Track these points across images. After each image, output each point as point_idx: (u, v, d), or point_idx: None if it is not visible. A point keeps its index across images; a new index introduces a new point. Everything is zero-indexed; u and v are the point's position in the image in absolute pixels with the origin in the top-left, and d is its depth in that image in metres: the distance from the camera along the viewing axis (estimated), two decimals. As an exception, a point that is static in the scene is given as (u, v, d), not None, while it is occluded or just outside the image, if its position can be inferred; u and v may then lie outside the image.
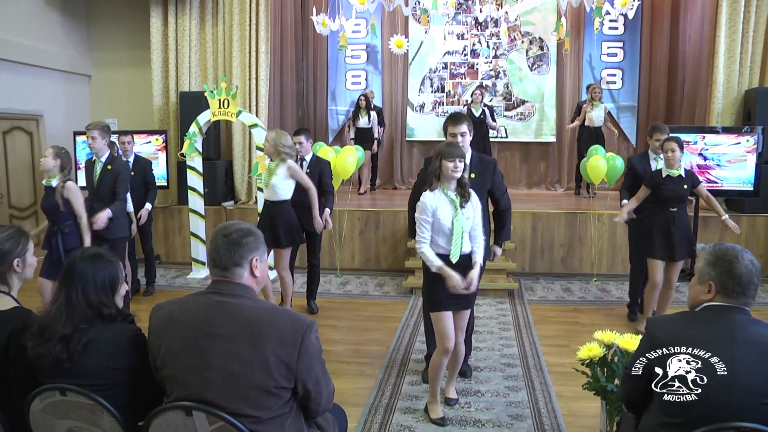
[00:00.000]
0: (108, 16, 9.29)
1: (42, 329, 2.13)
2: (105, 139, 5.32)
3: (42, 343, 2.10)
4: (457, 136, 3.90)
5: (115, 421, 2.04)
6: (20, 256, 2.46)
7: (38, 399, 2.09)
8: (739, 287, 2.06)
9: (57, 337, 2.09)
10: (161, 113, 8.64)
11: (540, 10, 10.18)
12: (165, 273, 7.64)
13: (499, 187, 4.18)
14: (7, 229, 2.50)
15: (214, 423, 1.90)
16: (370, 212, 7.60)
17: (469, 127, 3.97)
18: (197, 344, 1.98)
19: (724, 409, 1.90)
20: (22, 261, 2.47)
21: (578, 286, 6.93)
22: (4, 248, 2.42)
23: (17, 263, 2.45)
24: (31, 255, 2.53)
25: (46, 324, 2.13)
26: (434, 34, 10.30)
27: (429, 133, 10.53)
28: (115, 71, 9.39)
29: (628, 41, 10.09)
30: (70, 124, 8.73)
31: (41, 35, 8.43)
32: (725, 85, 7.54)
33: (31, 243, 2.56)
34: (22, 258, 2.47)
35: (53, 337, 2.09)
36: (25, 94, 8.09)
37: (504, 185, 4.25)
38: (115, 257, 2.36)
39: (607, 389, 2.84)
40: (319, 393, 2.08)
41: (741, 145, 6.65)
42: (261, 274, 2.15)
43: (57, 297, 2.21)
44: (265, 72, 8.34)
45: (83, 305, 2.16)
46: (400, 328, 5.44)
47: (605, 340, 2.91)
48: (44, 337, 2.11)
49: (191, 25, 8.43)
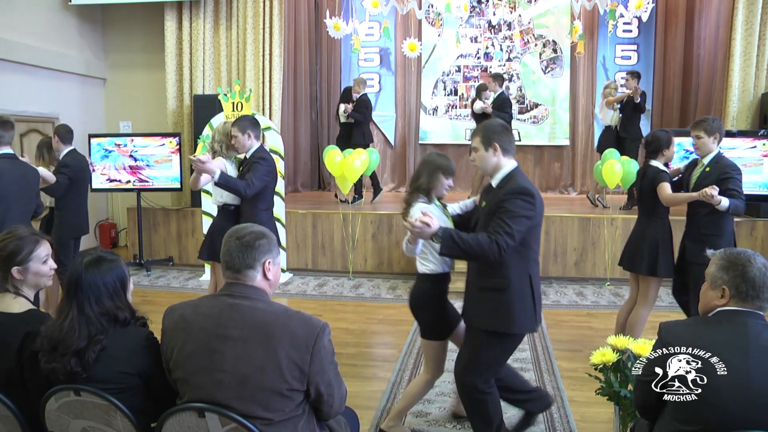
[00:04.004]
0: (123, 20, 9.37)
1: (54, 344, 2.08)
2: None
3: (55, 358, 2.07)
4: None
5: (129, 421, 2.05)
6: (22, 264, 2.33)
7: (53, 399, 2.11)
8: (753, 291, 2.04)
9: (71, 351, 2.06)
10: (175, 116, 8.70)
11: (553, 12, 10.14)
12: (178, 275, 7.69)
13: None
14: (19, 231, 2.40)
15: (226, 425, 1.91)
16: (383, 215, 7.61)
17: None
18: (210, 346, 1.99)
19: (739, 416, 1.88)
20: (23, 269, 2.34)
21: (591, 291, 6.89)
22: (5, 251, 2.33)
23: (17, 271, 2.33)
24: (37, 262, 2.38)
25: (59, 339, 2.08)
26: (447, 37, 10.29)
27: (442, 136, 10.51)
28: (130, 74, 9.47)
29: (642, 44, 10.02)
30: (85, 127, 8.80)
31: (58, 39, 8.52)
32: (741, 89, 7.48)
33: (42, 249, 2.41)
34: (24, 266, 2.34)
35: (67, 352, 2.06)
36: (41, 97, 8.18)
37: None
38: (115, 255, 2.27)
39: (620, 395, 2.82)
40: (331, 395, 2.08)
41: (757, 148, 6.59)
42: (274, 276, 2.16)
43: (66, 310, 2.14)
44: (278, 75, 8.38)
45: (97, 315, 2.13)
46: (412, 332, 5.43)
47: (619, 345, 2.88)
48: (58, 351, 2.07)
49: (205, 28, 8.49)
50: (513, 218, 2.74)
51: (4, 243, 2.35)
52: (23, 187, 4.02)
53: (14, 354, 2.20)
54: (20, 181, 4.01)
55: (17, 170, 4.04)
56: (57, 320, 2.15)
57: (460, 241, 2.72)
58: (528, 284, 2.91)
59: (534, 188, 2.87)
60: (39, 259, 2.39)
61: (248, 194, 4.06)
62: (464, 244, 2.72)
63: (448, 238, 2.72)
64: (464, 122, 10.40)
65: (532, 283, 2.91)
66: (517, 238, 2.75)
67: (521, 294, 2.90)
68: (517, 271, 2.88)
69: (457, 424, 3.67)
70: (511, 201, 2.78)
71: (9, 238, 2.37)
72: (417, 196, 3.22)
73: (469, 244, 2.72)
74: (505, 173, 2.94)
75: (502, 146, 2.91)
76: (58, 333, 2.10)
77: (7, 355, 2.20)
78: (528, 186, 2.85)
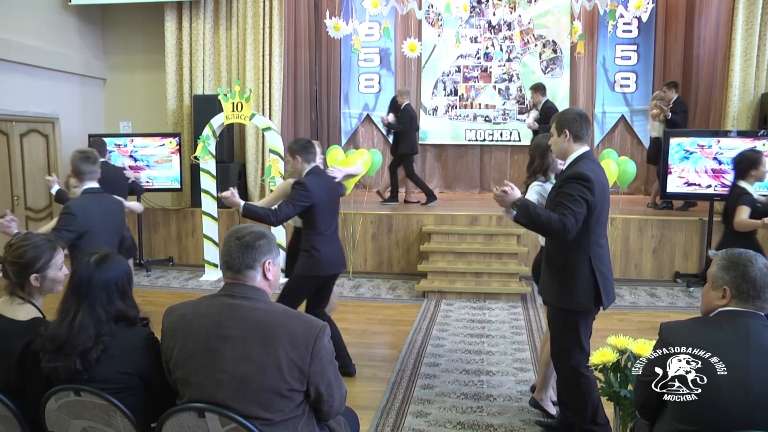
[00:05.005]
0: (123, 20, 9.37)
1: (60, 344, 2.07)
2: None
3: (60, 357, 2.07)
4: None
5: (129, 421, 2.06)
6: (40, 272, 2.34)
7: (53, 399, 2.11)
8: (754, 291, 2.04)
9: (78, 351, 2.06)
10: (175, 116, 8.70)
11: (553, 13, 10.15)
12: (178, 275, 7.69)
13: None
14: (36, 239, 2.40)
15: (226, 425, 1.91)
16: (383, 215, 7.61)
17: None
18: (209, 346, 1.99)
19: (739, 416, 1.88)
20: (41, 277, 2.35)
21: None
22: (24, 259, 2.33)
23: (35, 278, 2.34)
24: (54, 270, 2.40)
25: (65, 338, 2.07)
26: (447, 37, 10.29)
27: (442, 136, 10.52)
28: (130, 75, 9.47)
29: (642, 44, 10.02)
30: (85, 127, 8.82)
31: (58, 39, 8.52)
32: (741, 89, 7.47)
33: (59, 257, 2.43)
34: (42, 274, 2.35)
35: (73, 352, 2.06)
36: (41, 98, 8.19)
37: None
38: (116, 252, 2.35)
39: (620, 395, 2.82)
40: (331, 396, 2.08)
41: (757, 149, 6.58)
42: (274, 276, 2.16)
43: (74, 310, 2.13)
44: (278, 75, 8.38)
45: (108, 314, 2.14)
46: (412, 332, 5.44)
47: (618, 346, 2.88)
48: (63, 351, 2.07)
49: (205, 29, 8.49)
50: (572, 201, 2.96)
51: (22, 251, 2.34)
52: (108, 221, 3.98)
53: (14, 362, 2.19)
54: (106, 215, 3.97)
55: (102, 205, 3.99)
56: (62, 320, 2.13)
57: (533, 212, 2.99)
58: (588, 266, 3.08)
59: (595, 174, 3.02)
60: (57, 266, 2.42)
61: (274, 221, 3.96)
62: (535, 215, 2.99)
63: (523, 207, 3.02)
64: (464, 122, 10.41)
65: (593, 264, 3.08)
66: (579, 219, 2.95)
67: (580, 274, 3.09)
68: (577, 253, 3.09)
69: (457, 424, 3.67)
70: (569, 185, 3.00)
71: (26, 246, 2.36)
72: (535, 178, 3.61)
73: (539, 215, 2.98)
74: (573, 158, 3.13)
75: (573, 132, 3.11)
76: (66, 332, 2.09)
77: (6, 363, 2.19)
78: (586, 171, 3.00)
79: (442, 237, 7.26)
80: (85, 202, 3.88)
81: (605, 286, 3.11)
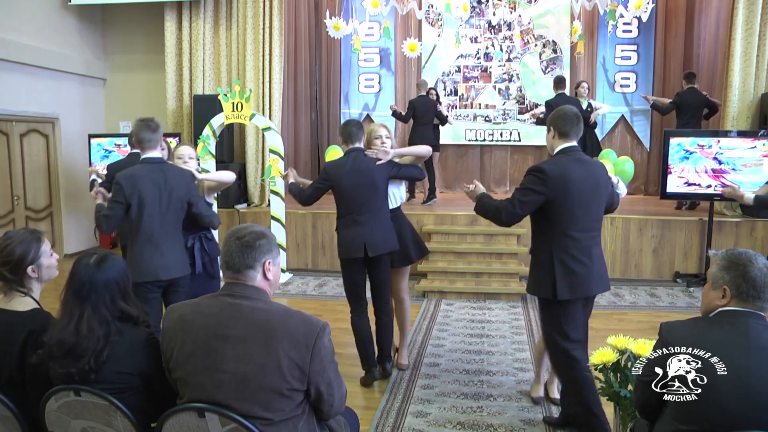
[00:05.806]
0: (123, 20, 9.38)
1: (69, 348, 2.08)
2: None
3: (71, 362, 2.07)
4: None
5: (129, 421, 2.06)
6: (34, 263, 2.39)
7: (53, 399, 2.11)
8: (754, 291, 2.04)
9: (90, 353, 2.07)
10: (175, 116, 8.71)
11: (553, 13, 10.15)
12: (178, 275, 7.67)
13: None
14: (18, 235, 2.43)
15: (226, 425, 1.91)
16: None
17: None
18: (209, 346, 1.99)
19: (739, 416, 1.88)
20: (37, 267, 2.40)
21: (591, 291, 6.87)
22: (15, 256, 2.36)
23: (32, 270, 2.39)
24: (47, 257, 2.44)
25: (73, 343, 2.08)
26: (447, 37, 10.29)
27: (442, 136, 10.42)
28: (130, 75, 9.48)
29: (642, 44, 10.02)
30: (85, 127, 8.83)
31: (58, 39, 8.53)
32: (741, 89, 7.47)
33: (46, 244, 2.47)
34: (37, 264, 2.40)
35: (85, 355, 2.07)
36: (41, 97, 8.19)
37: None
38: (112, 251, 2.37)
39: (620, 395, 2.82)
40: (331, 395, 2.08)
41: (757, 149, 6.58)
42: (274, 276, 2.16)
43: (78, 312, 2.14)
44: (278, 75, 8.38)
45: (113, 314, 2.16)
46: (412, 332, 5.43)
47: (618, 346, 2.89)
48: (74, 355, 2.07)
49: (205, 29, 8.50)
50: (519, 190, 3.21)
51: (10, 249, 2.37)
52: (164, 192, 3.67)
53: (17, 351, 2.21)
54: (161, 186, 3.68)
55: (158, 175, 3.69)
56: (67, 324, 2.13)
57: (485, 201, 3.36)
58: (548, 255, 3.21)
59: (558, 167, 3.15)
60: (47, 253, 2.47)
61: (300, 201, 4.32)
62: (484, 203, 3.36)
63: (479, 199, 3.40)
64: (464, 122, 10.41)
65: (554, 254, 3.19)
66: (519, 207, 3.17)
67: (541, 263, 3.25)
68: (541, 245, 3.28)
69: (457, 424, 3.67)
70: (526, 176, 3.23)
71: (11, 243, 2.39)
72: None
73: (485, 203, 3.35)
74: (555, 152, 3.30)
75: (557, 129, 3.27)
76: (73, 337, 2.09)
77: (10, 352, 2.22)
78: (544, 165, 3.19)
79: (442, 237, 7.26)
80: (135, 172, 3.68)
81: (566, 277, 3.16)
